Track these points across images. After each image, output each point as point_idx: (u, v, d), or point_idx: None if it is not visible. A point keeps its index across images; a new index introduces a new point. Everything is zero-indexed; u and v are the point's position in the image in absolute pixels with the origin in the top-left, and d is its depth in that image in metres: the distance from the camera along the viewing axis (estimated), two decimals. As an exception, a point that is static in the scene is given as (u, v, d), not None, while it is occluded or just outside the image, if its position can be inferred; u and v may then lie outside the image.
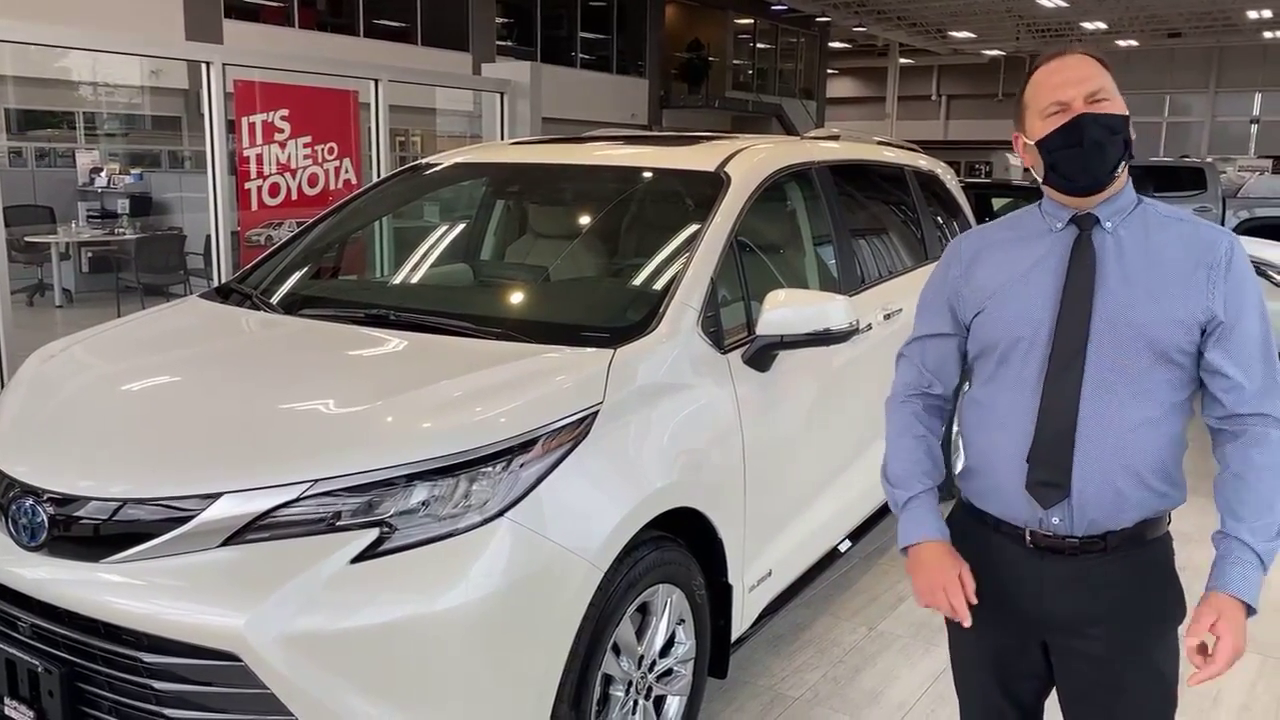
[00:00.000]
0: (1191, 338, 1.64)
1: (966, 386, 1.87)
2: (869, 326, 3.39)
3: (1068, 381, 1.65)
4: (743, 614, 2.84)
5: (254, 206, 5.82)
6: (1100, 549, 1.69)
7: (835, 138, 4.15)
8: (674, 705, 2.62)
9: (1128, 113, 1.66)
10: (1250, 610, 1.59)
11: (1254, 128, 34.96)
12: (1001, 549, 1.77)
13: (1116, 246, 1.68)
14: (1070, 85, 1.65)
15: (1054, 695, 1.87)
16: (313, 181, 6.10)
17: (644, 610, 2.48)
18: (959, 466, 1.89)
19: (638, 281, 3.05)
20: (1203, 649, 1.59)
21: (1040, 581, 1.73)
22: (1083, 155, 1.64)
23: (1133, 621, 1.70)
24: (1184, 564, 1.74)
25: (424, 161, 3.85)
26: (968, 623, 1.72)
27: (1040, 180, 1.73)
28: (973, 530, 1.82)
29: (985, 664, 1.86)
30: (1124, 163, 1.67)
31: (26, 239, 10.17)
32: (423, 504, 2.04)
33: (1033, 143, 1.69)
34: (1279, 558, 1.65)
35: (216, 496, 2.03)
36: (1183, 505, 1.73)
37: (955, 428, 3.78)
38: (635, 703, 2.47)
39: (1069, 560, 1.70)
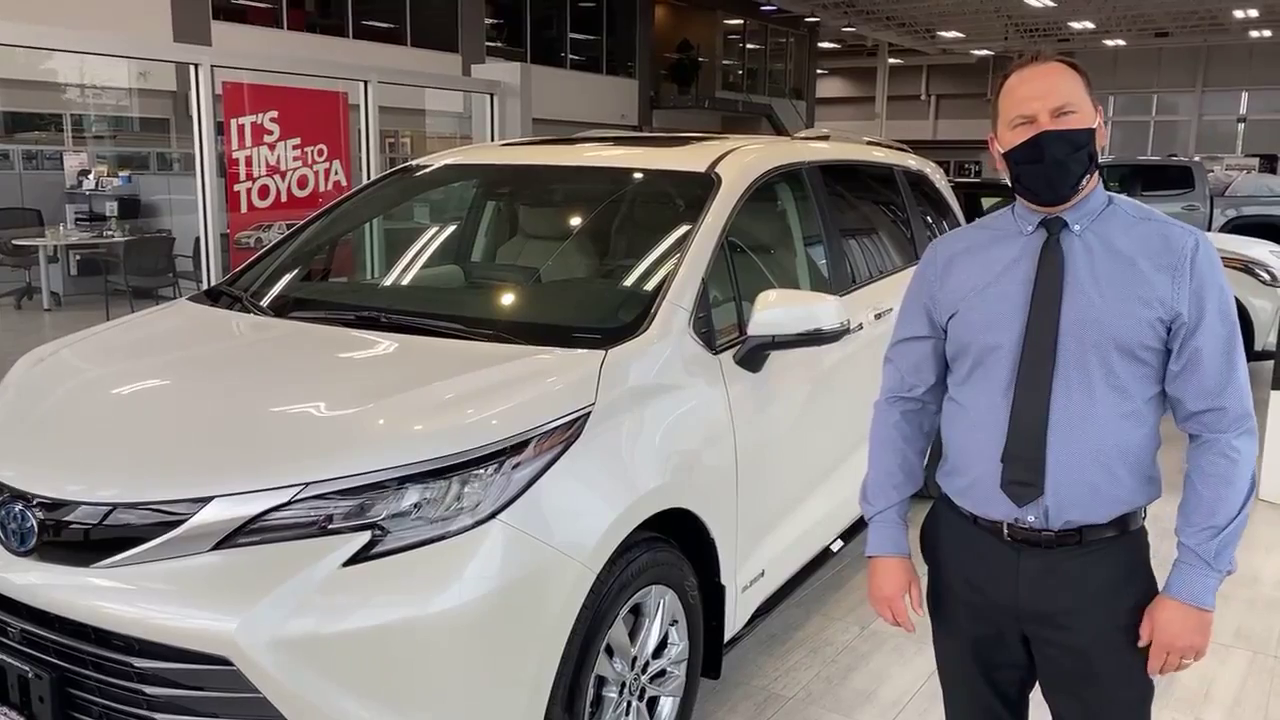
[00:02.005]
0: (1158, 335, 1.67)
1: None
2: (859, 326, 3.40)
3: (1038, 382, 1.69)
4: (735, 614, 2.84)
5: (243, 209, 5.81)
6: (1075, 543, 1.73)
7: (825, 138, 4.16)
8: (667, 706, 2.62)
9: (1094, 125, 1.69)
10: (1201, 609, 1.67)
11: (1241, 126, 35.11)
12: (980, 542, 1.81)
13: (1085, 248, 1.71)
14: (1036, 98, 1.67)
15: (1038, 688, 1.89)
16: (302, 183, 6.08)
17: (637, 611, 2.48)
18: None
19: (629, 282, 3.05)
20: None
21: (1017, 574, 1.77)
22: (1045, 171, 1.68)
23: (1107, 614, 1.74)
24: (1164, 558, 1.76)
25: (414, 163, 3.84)
26: (912, 629, 1.92)
27: (1010, 187, 1.77)
28: (952, 522, 1.86)
29: (967, 655, 1.90)
30: (1089, 174, 1.70)
31: (14, 242, 10.13)
32: (415, 506, 2.04)
33: (1001, 152, 1.74)
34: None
35: (207, 500, 2.02)
36: (1164, 501, 1.76)
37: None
38: (629, 704, 2.47)
39: (1045, 554, 1.74)
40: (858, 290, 3.63)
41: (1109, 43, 31.72)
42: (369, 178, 6.17)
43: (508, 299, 3.29)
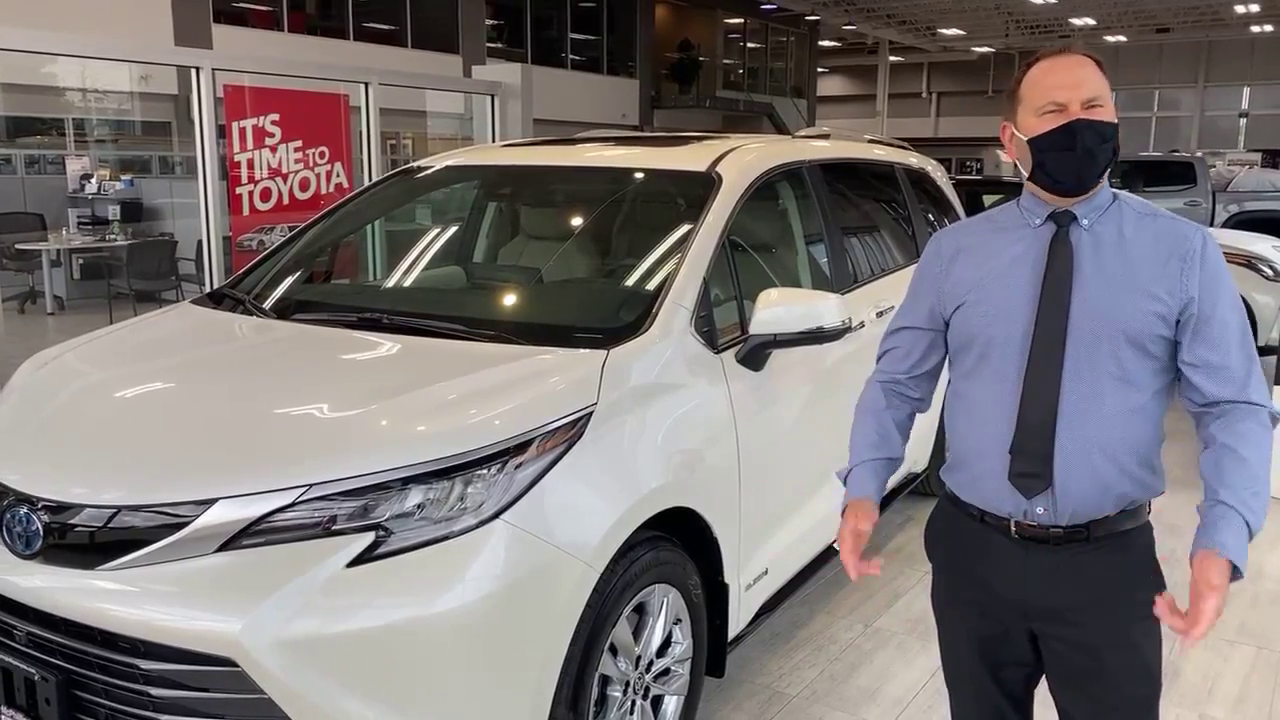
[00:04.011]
0: (1167, 328, 1.68)
1: (948, 379, 1.90)
2: (861, 324, 3.40)
3: (1047, 374, 1.69)
4: (739, 613, 2.84)
5: (245, 211, 5.82)
6: (1083, 538, 1.73)
7: (826, 136, 4.16)
8: (671, 705, 2.63)
9: (1117, 121, 1.70)
10: (1237, 574, 1.59)
11: (1243, 122, 35.05)
12: (987, 539, 1.81)
13: (1093, 242, 1.72)
14: (1068, 87, 1.68)
15: (1044, 685, 1.90)
16: (304, 186, 6.09)
17: (640, 610, 2.48)
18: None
19: (630, 282, 3.06)
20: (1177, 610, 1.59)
21: (1024, 571, 1.77)
22: (1074, 160, 1.67)
23: (1116, 609, 1.74)
24: (1168, 555, 1.76)
25: (416, 164, 3.85)
26: (853, 575, 1.82)
27: (1025, 175, 1.76)
28: (958, 520, 1.86)
29: (973, 653, 1.89)
30: (1110, 168, 1.71)
31: (17, 246, 10.15)
32: (418, 507, 2.04)
33: (1024, 138, 1.72)
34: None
35: (211, 502, 2.03)
36: (1166, 496, 1.76)
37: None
38: (633, 703, 2.47)
39: (1053, 550, 1.74)
40: (859, 288, 3.63)
41: (1110, 39, 31.65)
42: (370, 179, 6.18)
43: (510, 299, 3.30)
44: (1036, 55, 1.77)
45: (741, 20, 29.16)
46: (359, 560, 1.99)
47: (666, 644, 2.58)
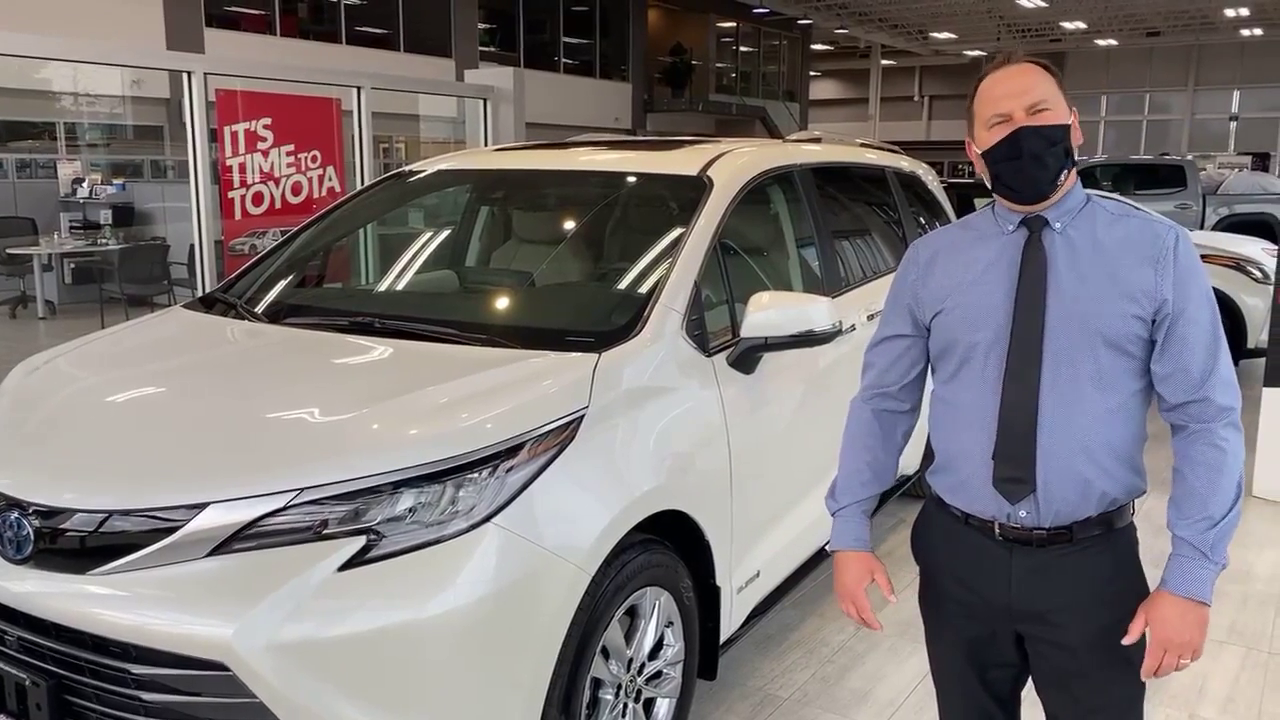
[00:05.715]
0: (1144, 328, 1.69)
1: (931, 385, 1.91)
2: (853, 327, 3.41)
3: (1026, 379, 1.70)
4: (731, 615, 2.85)
5: (238, 215, 5.82)
6: (1066, 539, 1.74)
7: (817, 140, 4.17)
8: (663, 707, 2.63)
9: (1069, 121, 1.71)
10: (1200, 603, 1.66)
11: (1233, 125, 35.19)
12: (971, 541, 1.82)
13: (1067, 245, 1.73)
14: (1011, 97, 1.69)
15: (1032, 685, 1.90)
16: (296, 190, 6.09)
17: (632, 613, 2.49)
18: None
19: (622, 286, 3.06)
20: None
21: (1009, 572, 1.78)
22: (1023, 167, 1.69)
23: (1100, 610, 1.75)
24: (1158, 555, 1.77)
25: (408, 168, 3.85)
26: (878, 628, 1.95)
27: (990, 188, 1.78)
28: (943, 522, 1.87)
29: (960, 654, 1.90)
30: (1067, 170, 1.72)
31: (8, 251, 10.13)
32: (409, 511, 2.05)
33: (979, 152, 1.75)
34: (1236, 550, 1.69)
35: (203, 506, 2.03)
36: (1153, 497, 1.77)
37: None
38: (625, 705, 2.48)
39: (1037, 551, 1.76)
40: (850, 291, 3.64)
41: (1101, 42, 31.80)
42: (363, 183, 6.18)
43: (502, 303, 3.30)
44: (984, 68, 1.78)
45: (734, 24, 29.20)
46: (351, 564, 1.99)
47: (658, 647, 2.58)
